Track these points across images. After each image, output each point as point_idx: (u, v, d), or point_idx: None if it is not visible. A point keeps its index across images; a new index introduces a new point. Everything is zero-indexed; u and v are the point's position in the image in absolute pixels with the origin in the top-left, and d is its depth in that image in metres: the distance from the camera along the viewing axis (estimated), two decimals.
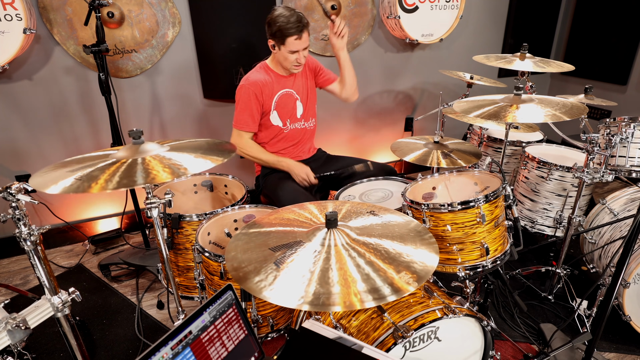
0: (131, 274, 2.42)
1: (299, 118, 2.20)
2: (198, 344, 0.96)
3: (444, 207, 1.53)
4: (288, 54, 1.97)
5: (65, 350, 1.88)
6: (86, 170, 1.15)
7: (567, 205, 2.24)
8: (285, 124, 2.17)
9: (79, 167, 1.17)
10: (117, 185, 1.07)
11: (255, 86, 2.02)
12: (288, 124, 2.18)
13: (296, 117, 2.19)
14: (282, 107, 2.13)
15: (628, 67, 3.38)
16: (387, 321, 1.23)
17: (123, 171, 1.14)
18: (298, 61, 2.00)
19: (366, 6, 3.01)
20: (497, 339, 1.89)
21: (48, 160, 2.57)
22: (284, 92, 2.11)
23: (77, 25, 2.36)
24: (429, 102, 3.60)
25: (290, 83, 2.13)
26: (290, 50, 1.95)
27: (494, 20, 3.55)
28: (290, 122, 2.18)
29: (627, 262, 1.27)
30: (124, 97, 2.61)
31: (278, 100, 2.11)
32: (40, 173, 1.17)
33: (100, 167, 1.16)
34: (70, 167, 1.19)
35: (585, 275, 2.27)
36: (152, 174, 1.13)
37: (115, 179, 1.10)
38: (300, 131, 2.23)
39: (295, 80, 2.15)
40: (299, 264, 1.00)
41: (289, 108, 2.16)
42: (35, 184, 1.08)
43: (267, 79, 2.06)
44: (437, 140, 1.90)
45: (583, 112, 1.63)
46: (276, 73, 2.10)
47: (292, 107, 2.16)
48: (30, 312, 1.09)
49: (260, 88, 2.03)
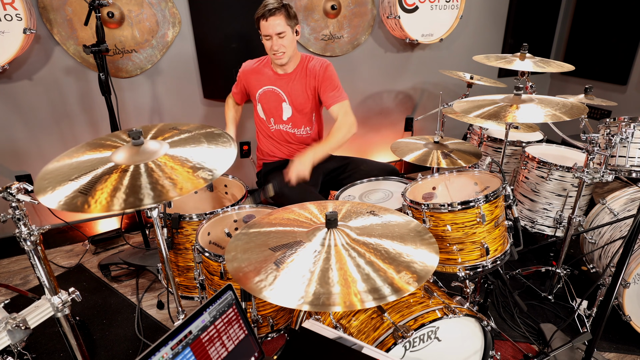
0: (131, 274, 2.42)
1: (285, 121, 2.15)
2: (198, 344, 0.96)
3: (444, 207, 1.53)
4: (264, 41, 1.97)
5: (65, 350, 1.88)
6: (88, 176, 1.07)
7: (567, 205, 2.24)
8: (269, 121, 2.17)
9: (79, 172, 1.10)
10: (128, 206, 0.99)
11: (243, 73, 2.16)
12: (272, 122, 2.17)
13: (281, 119, 2.15)
14: (265, 103, 2.14)
15: (628, 67, 3.38)
16: (387, 321, 1.23)
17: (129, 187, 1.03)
18: (272, 49, 1.95)
19: (366, 6, 3.01)
20: (497, 339, 1.89)
21: (48, 161, 2.55)
22: (269, 89, 2.10)
23: (77, 25, 2.36)
24: (429, 102, 3.60)
25: (281, 82, 2.09)
26: (264, 35, 1.94)
27: (494, 20, 3.55)
28: (274, 122, 2.17)
29: (627, 262, 1.27)
30: (124, 97, 2.61)
31: (262, 94, 2.12)
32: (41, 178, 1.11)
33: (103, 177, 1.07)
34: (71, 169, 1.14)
35: (585, 275, 2.27)
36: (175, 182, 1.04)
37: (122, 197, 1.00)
38: (288, 135, 2.18)
39: (289, 82, 2.08)
40: (299, 264, 1.00)
41: (273, 106, 2.14)
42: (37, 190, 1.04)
43: (258, 70, 2.12)
44: (437, 140, 1.90)
45: (583, 112, 1.63)
46: (271, 68, 2.10)
47: (277, 106, 2.13)
48: (30, 312, 1.09)
49: (247, 76, 2.15)
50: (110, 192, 1.02)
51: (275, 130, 2.18)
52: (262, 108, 2.16)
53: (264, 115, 2.17)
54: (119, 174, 1.08)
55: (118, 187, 1.03)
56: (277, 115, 2.15)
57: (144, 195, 1.01)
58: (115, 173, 1.08)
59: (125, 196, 1.01)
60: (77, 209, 0.98)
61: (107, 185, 1.04)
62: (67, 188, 1.04)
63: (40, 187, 1.06)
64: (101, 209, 0.98)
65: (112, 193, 1.01)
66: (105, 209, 0.98)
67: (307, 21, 2.88)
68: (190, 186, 1.05)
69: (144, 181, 1.05)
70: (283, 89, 2.09)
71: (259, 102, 2.15)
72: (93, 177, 1.08)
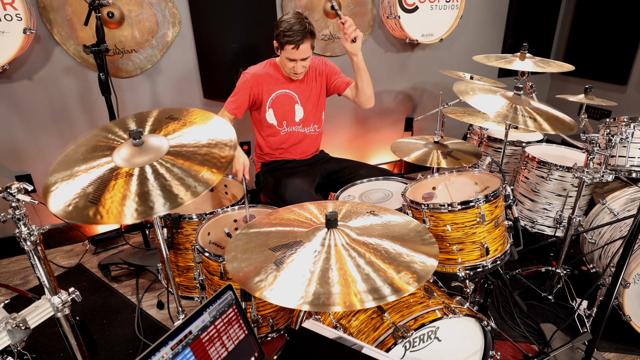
0: (131, 274, 2.42)
1: (298, 122, 2.18)
2: (198, 344, 0.96)
3: (444, 207, 1.52)
4: (286, 61, 1.97)
5: (65, 350, 1.88)
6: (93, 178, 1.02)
7: (567, 205, 2.24)
8: (281, 124, 2.16)
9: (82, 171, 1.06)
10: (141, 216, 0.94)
11: (254, 78, 2.06)
12: (285, 126, 2.17)
13: (294, 121, 2.17)
14: (278, 107, 2.13)
15: (628, 67, 3.38)
16: (387, 321, 1.23)
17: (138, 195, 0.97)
18: (295, 70, 1.99)
19: (366, 6, 3.01)
20: (497, 339, 1.89)
21: (48, 160, 2.57)
22: (282, 93, 2.11)
23: (77, 25, 2.36)
24: (429, 102, 3.60)
25: (292, 85, 2.12)
26: (288, 58, 1.95)
27: (494, 20, 3.55)
28: (287, 125, 2.17)
29: (627, 262, 1.27)
30: (124, 97, 2.61)
31: (275, 99, 2.11)
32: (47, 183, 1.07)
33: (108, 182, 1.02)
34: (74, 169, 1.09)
35: (585, 275, 2.27)
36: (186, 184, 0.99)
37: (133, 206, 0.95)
38: (299, 135, 2.21)
39: (300, 84, 2.12)
40: (299, 264, 1.00)
41: (286, 110, 2.14)
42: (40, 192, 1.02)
43: (269, 74, 2.08)
44: (437, 140, 1.90)
45: (572, 129, 1.61)
46: (281, 72, 2.10)
47: (290, 109, 2.15)
48: (30, 312, 1.09)
49: (258, 81, 2.07)
50: (120, 200, 0.97)
51: (287, 134, 2.19)
52: (274, 113, 2.14)
53: (275, 119, 2.15)
54: (124, 178, 1.02)
55: (126, 195, 0.98)
56: (289, 118, 2.16)
57: (154, 203, 0.95)
58: (120, 178, 1.03)
59: (135, 205, 0.96)
60: (89, 221, 0.93)
61: (115, 192, 0.99)
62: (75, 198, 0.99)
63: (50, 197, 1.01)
64: (114, 219, 0.94)
65: (121, 202, 0.96)
66: (118, 220, 0.94)
67: None
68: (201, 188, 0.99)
69: (152, 187, 0.99)
70: (296, 90, 2.12)
71: (270, 108, 2.12)
72: (100, 183, 1.02)
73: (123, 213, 0.95)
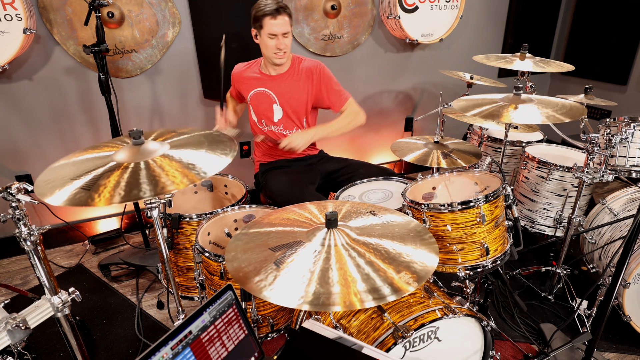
0: (131, 274, 2.42)
1: (276, 122, 2.15)
2: (198, 344, 0.96)
3: (444, 207, 1.52)
4: (267, 39, 1.94)
5: (65, 350, 1.88)
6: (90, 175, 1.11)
7: (567, 205, 2.24)
8: (260, 122, 2.18)
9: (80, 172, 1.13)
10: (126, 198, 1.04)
11: (235, 75, 2.20)
12: (264, 124, 2.17)
13: (272, 121, 2.15)
14: (256, 106, 2.15)
15: (628, 67, 3.38)
16: (387, 321, 1.23)
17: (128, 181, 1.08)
18: (278, 47, 1.95)
19: (366, 6, 3.01)
20: (497, 339, 1.89)
21: (48, 160, 2.54)
22: (260, 91, 2.11)
23: (77, 25, 2.36)
24: (429, 102, 3.60)
25: (271, 84, 2.09)
26: (269, 34, 1.92)
27: (494, 20, 3.55)
28: (266, 123, 2.17)
29: (627, 262, 1.27)
30: (124, 97, 2.61)
31: (253, 97, 2.13)
32: (42, 179, 1.13)
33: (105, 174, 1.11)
34: (72, 169, 1.15)
35: (585, 275, 2.27)
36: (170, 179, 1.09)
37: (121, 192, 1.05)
38: (279, 136, 2.16)
39: (280, 84, 2.08)
40: (299, 264, 1.00)
41: (264, 108, 2.14)
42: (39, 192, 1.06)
43: (249, 72, 2.14)
44: (437, 140, 1.90)
45: (582, 113, 1.63)
46: (261, 71, 2.12)
47: (267, 108, 2.13)
48: (30, 312, 1.09)
49: (238, 78, 2.18)
50: (113, 186, 1.06)
51: (268, 132, 2.19)
52: (254, 110, 2.17)
53: (256, 117, 2.18)
54: (120, 171, 1.12)
55: (119, 182, 1.08)
56: (267, 117, 2.16)
57: (142, 189, 1.06)
58: (117, 171, 1.12)
59: (123, 192, 1.05)
60: (82, 203, 1.02)
61: (109, 181, 1.08)
62: (70, 187, 1.07)
63: (43, 190, 1.07)
64: (104, 202, 1.02)
65: (114, 188, 1.06)
66: (108, 202, 1.02)
67: (307, 21, 2.88)
68: (186, 181, 1.09)
69: (143, 175, 1.10)
70: (274, 90, 2.10)
71: (251, 105, 2.16)
72: (95, 175, 1.11)
73: (113, 195, 1.03)
